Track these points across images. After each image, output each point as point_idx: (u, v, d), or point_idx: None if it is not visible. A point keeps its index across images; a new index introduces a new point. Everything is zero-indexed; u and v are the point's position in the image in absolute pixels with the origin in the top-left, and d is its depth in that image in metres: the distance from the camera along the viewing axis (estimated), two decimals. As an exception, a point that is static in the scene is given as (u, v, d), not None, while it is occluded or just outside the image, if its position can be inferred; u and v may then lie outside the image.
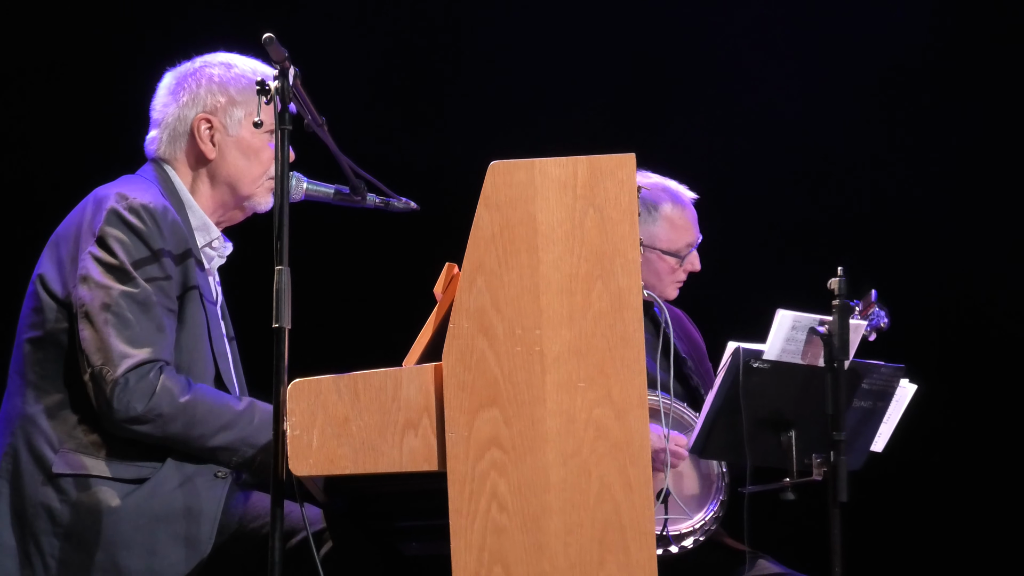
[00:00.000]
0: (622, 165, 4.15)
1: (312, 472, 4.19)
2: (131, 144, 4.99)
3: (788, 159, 7.40)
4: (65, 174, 5.19)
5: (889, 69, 7.50)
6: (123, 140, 5.13)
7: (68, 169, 5.31)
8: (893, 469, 5.49)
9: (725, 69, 7.55)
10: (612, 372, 4.09)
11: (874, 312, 5.10)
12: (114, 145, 5.17)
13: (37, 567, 4.54)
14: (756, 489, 5.12)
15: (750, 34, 7.53)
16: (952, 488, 7.09)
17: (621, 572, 4.05)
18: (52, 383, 4.62)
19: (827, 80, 7.48)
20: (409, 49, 7.24)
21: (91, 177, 4.85)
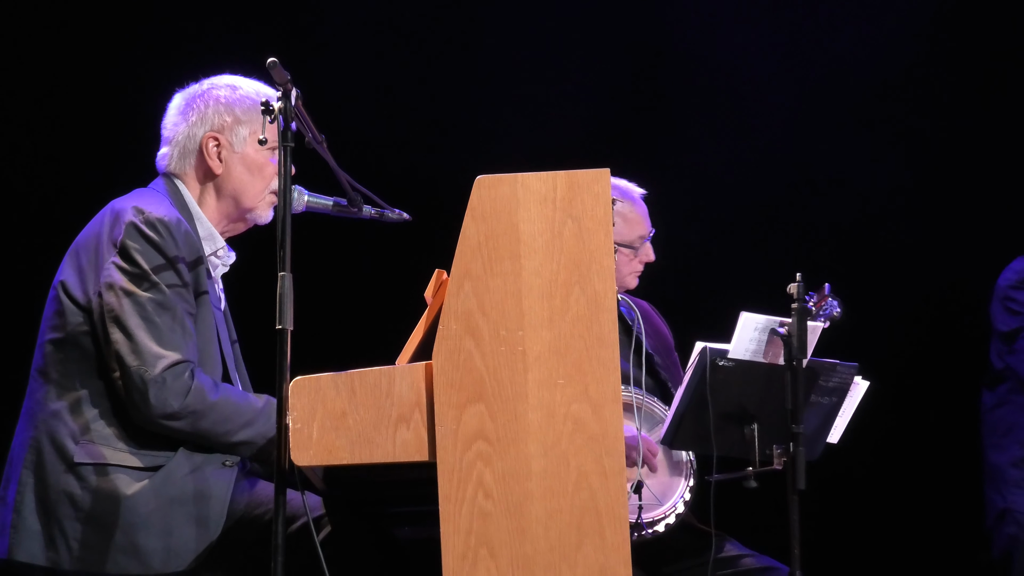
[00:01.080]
0: (597, 179, 4.15)
1: (312, 462, 4.20)
2: (141, 158, 4.99)
3: (758, 170, 7.37)
4: (80, 189, 5.18)
5: (855, 79, 7.47)
6: (135, 156, 5.13)
7: (83, 184, 5.30)
8: (847, 459, 5.48)
9: (700, 79, 7.51)
10: (589, 370, 4.09)
11: (827, 303, 5.10)
12: (125, 161, 5.17)
13: (61, 549, 4.53)
14: (722, 477, 5.12)
15: (722, 42, 7.49)
16: (900, 476, 7.10)
17: (597, 554, 4.05)
18: (73, 381, 4.62)
19: (794, 91, 7.45)
20: (404, 69, 7.23)
21: (104, 191, 4.85)
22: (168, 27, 6.80)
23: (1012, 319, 6.18)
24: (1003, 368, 6.24)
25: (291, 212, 4.25)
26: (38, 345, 4.69)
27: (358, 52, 7.15)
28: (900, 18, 7.50)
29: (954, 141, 7.35)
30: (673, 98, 7.44)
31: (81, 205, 4.88)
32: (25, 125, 6.70)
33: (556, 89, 7.31)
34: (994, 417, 6.29)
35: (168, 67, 5.18)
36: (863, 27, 7.51)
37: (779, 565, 5.53)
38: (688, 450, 5.45)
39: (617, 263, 5.65)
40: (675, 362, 5.86)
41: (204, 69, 4.94)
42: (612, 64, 7.36)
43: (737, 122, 7.47)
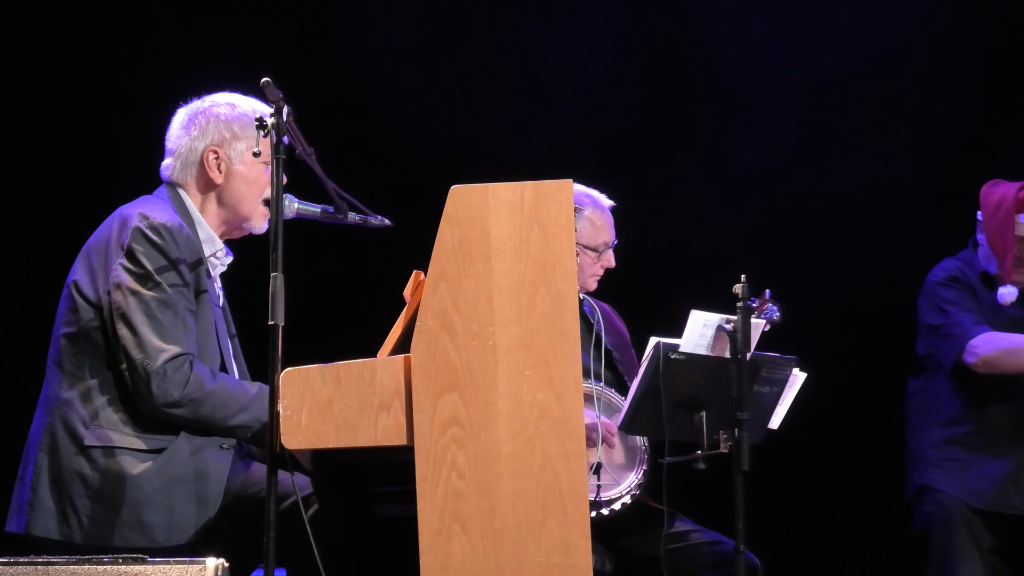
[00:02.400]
0: (561, 189, 4.16)
1: (301, 446, 4.20)
2: (145, 168, 4.99)
3: (707, 182, 7.37)
4: (90, 196, 5.17)
5: (804, 81, 7.44)
6: (139, 166, 5.12)
7: (93, 192, 5.28)
8: (786, 443, 5.49)
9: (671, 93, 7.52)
10: (553, 362, 4.09)
11: (768, 307, 5.11)
12: (130, 171, 5.16)
13: (73, 525, 4.53)
14: (674, 460, 5.13)
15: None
16: (833, 458, 7.10)
17: (560, 529, 4.05)
18: (84, 371, 4.62)
19: (740, 96, 7.44)
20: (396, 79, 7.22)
21: (112, 198, 4.85)
22: (179, 46, 6.78)
23: (937, 314, 6.18)
24: (926, 357, 6.25)
25: (283, 218, 4.25)
26: (53, 339, 4.69)
27: (351, 58, 7.13)
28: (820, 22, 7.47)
29: (885, 146, 7.33)
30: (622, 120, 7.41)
31: (91, 211, 4.87)
32: (38, 138, 6.67)
33: (526, 107, 7.27)
34: (916, 402, 6.30)
35: (172, 83, 5.17)
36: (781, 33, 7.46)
37: (725, 539, 5.53)
38: (643, 435, 5.45)
39: (580, 264, 5.65)
40: (632, 358, 5.86)
41: (205, 86, 4.93)
42: (576, 85, 7.33)
43: (691, 134, 7.45)
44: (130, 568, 3.94)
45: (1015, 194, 6.11)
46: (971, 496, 6.07)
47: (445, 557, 4.04)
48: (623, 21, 7.41)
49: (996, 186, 6.20)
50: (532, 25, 7.33)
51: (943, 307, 6.17)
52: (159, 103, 4.99)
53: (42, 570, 3.95)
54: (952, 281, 6.21)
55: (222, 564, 3.98)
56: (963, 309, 6.13)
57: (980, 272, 6.25)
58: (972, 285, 6.22)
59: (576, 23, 7.36)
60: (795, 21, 7.38)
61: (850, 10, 7.37)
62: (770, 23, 7.39)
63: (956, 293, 6.18)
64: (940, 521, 6.08)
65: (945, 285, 6.21)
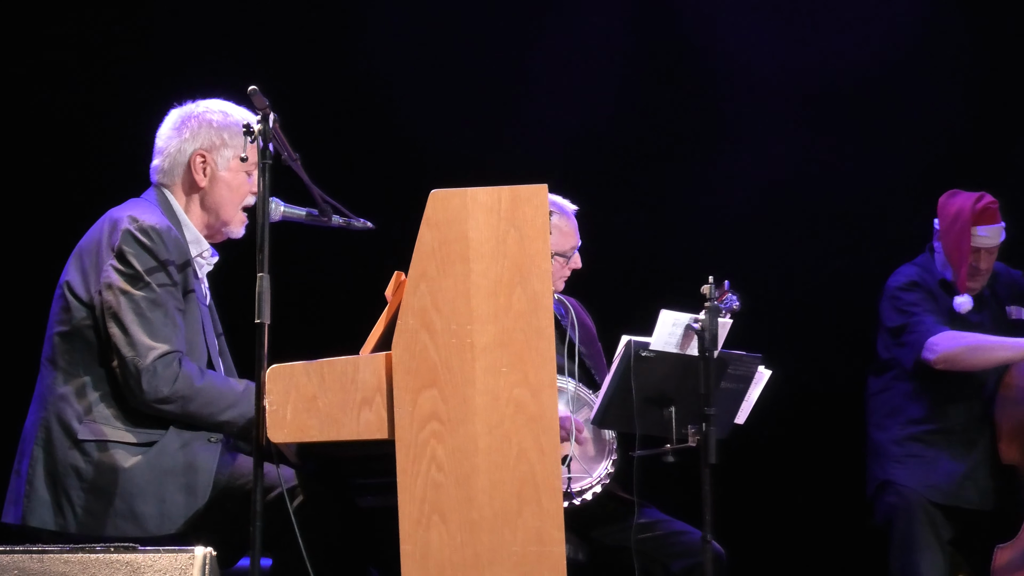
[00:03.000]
0: (536, 193, 4.16)
1: (286, 439, 4.20)
2: (132, 172, 4.98)
3: (675, 186, 7.37)
4: (80, 200, 5.16)
5: (776, 87, 7.44)
6: (126, 170, 5.12)
7: (82, 195, 5.27)
8: (752, 437, 5.50)
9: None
10: (528, 360, 4.10)
11: (727, 297, 5.12)
12: (117, 174, 5.15)
13: (68, 516, 4.52)
14: (644, 453, 5.14)
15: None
16: (796, 452, 7.12)
17: (535, 519, 4.06)
18: (77, 368, 4.61)
19: (711, 101, 7.44)
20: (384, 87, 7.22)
21: (102, 200, 4.85)
22: (169, 54, 6.76)
23: (899, 317, 6.20)
24: (889, 358, 6.27)
25: (269, 221, 4.25)
26: (47, 337, 4.68)
27: (339, 69, 7.13)
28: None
29: (853, 153, 7.33)
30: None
31: (81, 214, 4.86)
32: (30, 141, 6.66)
33: (503, 114, 7.27)
34: (879, 400, 6.32)
35: (163, 88, 5.17)
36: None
37: (692, 529, 5.54)
38: (615, 429, 5.46)
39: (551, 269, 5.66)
40: (598, 351, 5.87)
41: (197, 88, 4.94)
42: (553, 92, 7.32)
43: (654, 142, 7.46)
44: (121, 556, 3.94)
45: (972, 206, 6.12)
46: (931, 491, 6.09)
47: (424, 546, 4.04)
48: (607, 28, 7.39)
49: (954, 196, 6.21)
50: (510, 36, 7.32)
51: (905, 309, 6.18)
52: (150, 108, 4.98)
53: (37, 559, 3.94)
54: (913, 286, 6.23)
55: (210, 553, 3.97)
56: (925, 311, 6.15)
57: (939, 279, 6.27)
58: (932, 290, 6.24)
59: (558, 33, 7.35)
60: (770, 26, 7.36)
61: (824, 17, 7.36)
62: (742, 27, 7.37)
63: (917, 296, 6.20)
64: (903, 512, 6.11)
65: (906, 289, 6.23)
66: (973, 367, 6.06)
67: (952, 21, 7.30)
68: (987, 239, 6.12)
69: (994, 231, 6.13)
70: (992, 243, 6.14)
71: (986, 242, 6.13)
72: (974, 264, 6.15)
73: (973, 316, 6.22)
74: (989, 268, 6.21)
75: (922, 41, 7.33)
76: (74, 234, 4.77)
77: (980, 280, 6.22)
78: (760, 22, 7.40)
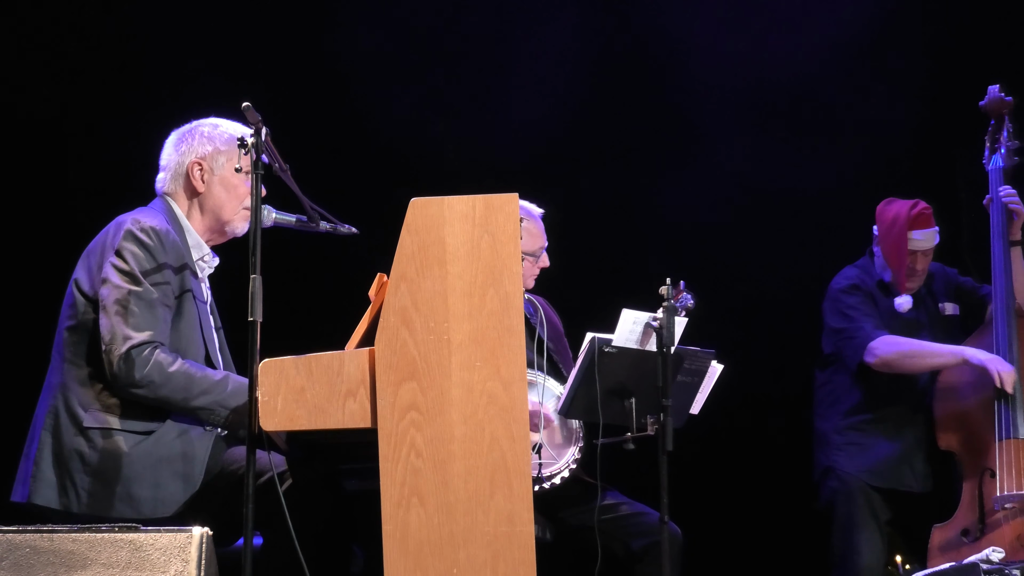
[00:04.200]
0: (508, 202, 4.17)
1: (277, 428, 4.20)
2: (140, 184, 4.98)
3: (638, 191, 7.37)
4: (92, 207, 5.15)
5: (729, 93, 7.41)
6: (135, 183, 5.12)
7: (95, 203, 5.27)
8: (705, 426, 5.52)
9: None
10: (500, 355, 4.10)
11: (682, 296, 5.13)
12: (128, 185, 5.16)
13: (71, 497, 4.53)
14: (607, 441, 5.15)
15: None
16: (746, 440, 7.14)
17: (506, 502, 4.07)
18: (83, 360, 4.62)
19: (667, 109, 7.41)
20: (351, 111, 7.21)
21: (111, 208, 4.85)
22: (173, 78, 6.77)
23: (841, 319, 6.22)
24: (830, 354, 6.29)
25: (261, 227, 4.26)
26: (57, 331, 4.70)
27: (328, 80, 7.12)
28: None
29: (801, 159, 7.33)
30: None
31: (93, 221, 4.87)
32: (47, 156, 6.67)
33: (478, 124, 7.26)
34: (823, 393, 6.34)
35: (166, 109, 5.19)
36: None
37: (651, 510, 5.56)
38: (580, 419, 5.46)
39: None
40: (565, 346, 5.88)
41: (197, 111, 4.95)
42: (525, 101, 7.30)
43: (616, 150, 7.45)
44: (125, 536, 3.94)
45: (908, 212, 6.16)
46: (870, 475, 6.12)
47: (404, 527, 4.05)
48: (571, 33, 7.35)
49: (891, 204, 6.25)
50: (479, 45, 7.28)
51: (846, 312, 6.21)
52: (156, 129, 5.00)
53: (47, 537, 3.94)
54: (854, 289, 6.26)
55: (207, 532, 3.97)
56: (864, 315, 6.18)
57: (877, 280, 6.30)
58: (871, 292, 6.27)
59: (525, 38, 7.31)
60: (730, 35, 7.34)
61: (774, 23, 7.33)
62: (702, 34, 7.34)
63: (857, 300, 6.23)
64: (843, 496, 6.13)
65: (848, 292, 6.25)
66: (909, 371, 6.10)
67: (899, 33, 7.29)
68: (922, 242, 6.17)
69: (928, 235, 6.17)
70: (927, 246, 6.18)
71: (921, 245, 6.17)
72: (911, 265, 6.19)
73: (910, 313, 6.25)
74: (925, 269, 6.25)
75: (866, 51, 7.30)
76: (85, 238, 4.80)
77: (917, 280, 6.25)
78: (715, 29, 7.35)
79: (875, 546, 6.09)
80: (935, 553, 5.97)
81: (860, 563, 6.07)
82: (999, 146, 6.26)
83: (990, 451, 5.95)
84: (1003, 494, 5.86)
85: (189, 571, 3.90)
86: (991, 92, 6.29)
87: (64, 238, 5.12)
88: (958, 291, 6.38)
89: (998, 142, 6.26)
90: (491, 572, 4.03)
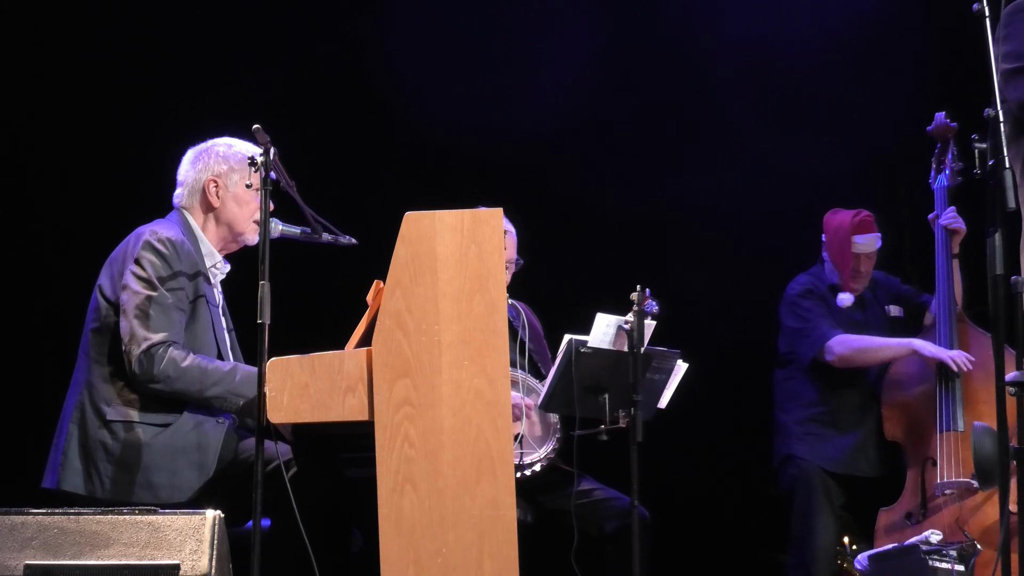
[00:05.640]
0: (494, 215, 4.17)
1: (283, 420, 4.21)
2: (159, 198, 4.99)
3: (613, 198, 7.34)
4: (115, 220, 5.15)
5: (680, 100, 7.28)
6: (155, 196, 5.12)
7: (117, 216, 5.27)
8: (672, 419, 5.53)
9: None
10: (486, 354, 4.11)
11: (648, 302, 5.14)
12: (148, 199, 5.15)
13: (96, 483, 4.53)
14: (582, 433, 5.17)
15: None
16: (710, 431, 7.12)
17: (491, 488, 4.07)
18: (106, 359, 4.62)
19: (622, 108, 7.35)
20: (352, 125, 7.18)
21: (133, 220, 4.85)
22: (190, 99, 6.75)
23: (797, 321, 6.27)
24: (788, 353, 6.33)
25: (269, 237, 4.27)
26: (84, 332, 4.70)
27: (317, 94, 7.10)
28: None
29: (759, 172, 7.27)
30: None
31: (117, 231, 4.87)
32: (74, 176, 6.67)
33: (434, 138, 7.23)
34: (782, 388, 6.37)
35: (184, 127, 5.18)
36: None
37: (622, 496, 5.57)
38: (558, 413, 5.48)
39: None
40: (544, 347, 5.89)
41: (211, 130, 4.96)
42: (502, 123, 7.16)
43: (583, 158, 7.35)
44: (144, 518, 3.94)
45: (851, 220, 6.24)
46: (828, 462, 6.16)
47: (398, 511, 4.05)
48: (544, 45, 7.23)
49: (836, 214, 6.32)
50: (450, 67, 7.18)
51: (802, 314, 6.25)
52: (175, 147, 5.00)
53: (73, 519, 3.94)
54: (808, 293, 6.31)
55: (219, 515, 3.98)
56: (819, 316, 6.22)
57: (828, 284, 6.34)
58: (824, 295, 6.31)
59: (498, 56, 7.19)
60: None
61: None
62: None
63: (812, 303, 6.27)
64: (802, 483, 6.16)
65: (803, 296, 6.30)
66: (864, 364, 6.15)
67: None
68: (865, 246, 6.23)
69: (870, 239, 6.24)
70: (869, 249, 6.25)
71: (864, 248, 6.23)
72: (855, 267, 6.26)
73: (858, 315, 6.28)
74: (868, 271, 6.30)
75: (824, 66, 7.25)
76: (109, 247, 4.80)
77: (861, 281, 6.31)
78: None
79: (829, 529, 6.12)
80: (881, 534, 6.00)
81: (815, 544, 6.10)
82: (944, 167, 6.30)
83: (932, 442, 5.98)
84: (943, 481, 5.90)
85: (203, 550, 3.90)
86: (938, 118, 6.33)
87: (92, 247, 5.11)
88: (900, 297, 6.43)
89: (943, 163, 6.30)
90: (477, 551, 4.04)
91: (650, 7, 7.25)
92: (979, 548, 5.52)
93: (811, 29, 7.21)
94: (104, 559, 3.89)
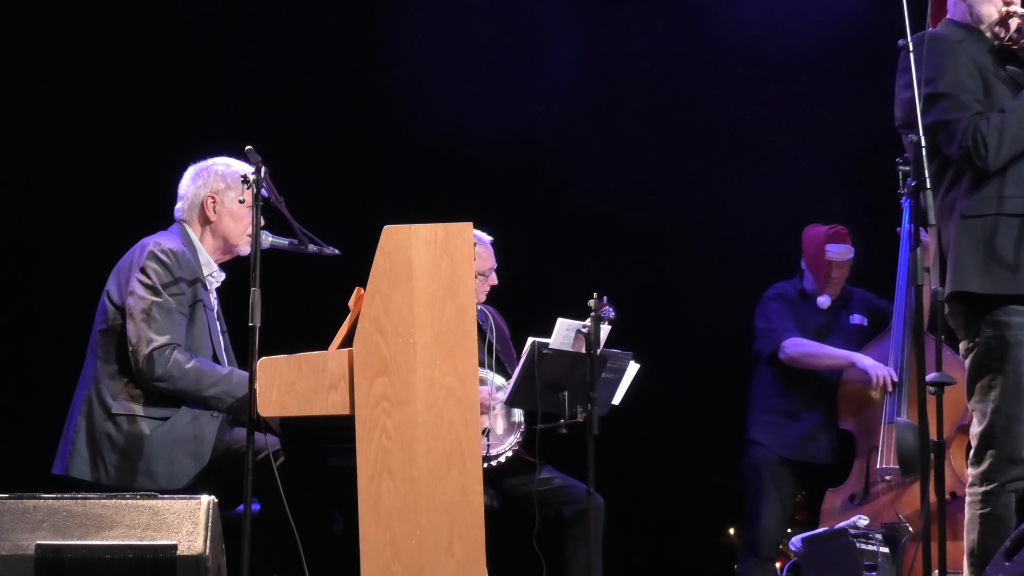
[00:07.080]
0: (464, 229, 4.18)
1: (272, 414, 4.21)
2: (162, 212, 4.99)
3: (574, 209, 7.24)
4: (119, 231, 5.14)
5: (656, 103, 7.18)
6: (158, 209, 5.11)
7: (122, 227, 5.25)
8: (624, 414, 5.54)
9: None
10: (457, 355, 4.11)
11: (605, 309, 5.15)
12: (151, 213, 5.14)
13: (101, 471, 4.54)
14: (544, 427, 5.16)
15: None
16: (660, 424, 7.12)
17: (460, 476, 4.08)
18: (112, 358, 4.62)
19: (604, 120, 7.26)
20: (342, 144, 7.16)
21: (134, 232, 4.85)
22: (190, 121, 6.72)
23: (763, 321, 6.40)
24: (756, 351, 6.44)
25: (260, 248, 4.29)
26: (92, 334, 4.70)
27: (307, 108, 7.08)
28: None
29: (734, 176, 7.18)
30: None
31: (122, 242, 4.87)
32: (81, 190, 6.64)
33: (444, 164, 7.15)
34: (753, 381, 6.45)
35: (183, 146, 5.18)
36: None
37: (579, 483, 5.57)
38: (522, 408, 5.47)
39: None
40: (510, 349, 5.88)
41: (210, 149, 4.95)
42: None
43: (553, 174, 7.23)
44: (145, 502, 3.94)
45: (826, 231, 6.39)
46: (782, 448, 6.27)
47: (376, 496, 4.05)
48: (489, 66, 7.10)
49: (814, 227, 6.46)
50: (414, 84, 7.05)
51: (767, 315, 6.40)
52: (176, 165, 5.00)
53: (80, 503, 3.93)
54: (778, 297, 6.45)
55: (213, 500, 3.98)
56: (781, 318, 6.36)
57: (799, 290, 6.46)
58: (792, 300, 6.44)
59: (465, 75, 7.06)
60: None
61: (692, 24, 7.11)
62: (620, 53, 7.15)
63: (779, 306, 6.40)
64: (754, 470, 6.28)
65: (772, 300, 6.45)
66: (809, 367, 6.28)
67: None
68: (837, 255, 6.35)
69: (843, 249, 6.35)
70: (842, 258, 6.35)
71: (837, 257, 6.35)
72: (827, 273, 6.37)
73: (823, 318, 6.39)
74: (839, 278, 6.40)
75: (797, 78, 7.11)
76: (116, 255, 4.80)
77: (833, 287, 6.42)
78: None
79: (775, 513, 6.22)
80: (826, 514, 6.08)
81: (760, 527, 6.20)
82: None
83: (878, 432, 6.07)
84: (882, 467, 5.98)
85: (198, 531, 3.90)
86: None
87: (100, 256, 5.09)
88: (873, 309, 6.51)
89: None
90: (448, 534, 4.05)
91: (645, 11, 7.15)
92: (911, 530, 5.60)
93: (805, 33, 7.01)
94: (108, 540, 3.88)
